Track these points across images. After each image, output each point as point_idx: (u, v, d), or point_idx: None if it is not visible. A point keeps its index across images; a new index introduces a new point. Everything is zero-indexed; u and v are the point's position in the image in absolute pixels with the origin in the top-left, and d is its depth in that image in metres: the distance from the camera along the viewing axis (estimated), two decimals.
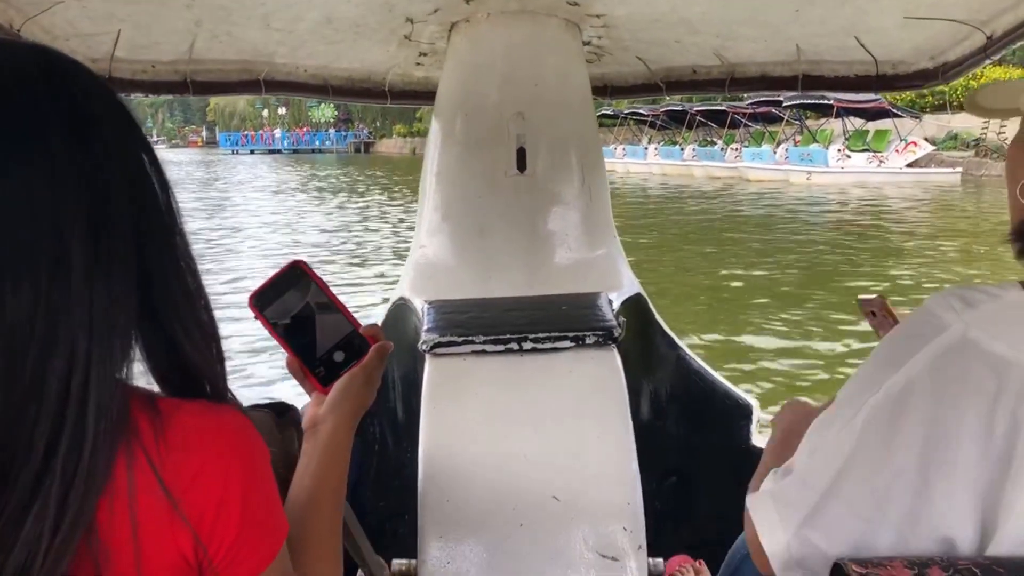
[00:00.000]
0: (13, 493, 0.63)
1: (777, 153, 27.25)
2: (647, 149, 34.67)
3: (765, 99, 25.97)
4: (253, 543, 0.74)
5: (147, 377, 0.76)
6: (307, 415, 0.97)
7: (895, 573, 0.81)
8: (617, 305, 2.13)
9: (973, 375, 0.83)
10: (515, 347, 1.84)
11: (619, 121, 37.44)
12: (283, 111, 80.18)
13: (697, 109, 31.66)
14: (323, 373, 0.96)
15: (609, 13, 2.22)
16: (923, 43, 2.30)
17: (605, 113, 32.85)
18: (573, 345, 1.84)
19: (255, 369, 6.01)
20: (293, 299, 0.95)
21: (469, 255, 2.28)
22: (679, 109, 32.63)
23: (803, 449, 0.95)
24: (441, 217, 2.33)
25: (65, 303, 0.66)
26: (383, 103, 2.84)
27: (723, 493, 1.64)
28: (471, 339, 1.85)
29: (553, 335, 1.85)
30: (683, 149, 32.30)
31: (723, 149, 30.50)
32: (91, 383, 0.66)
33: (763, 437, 2.36)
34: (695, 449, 2.44)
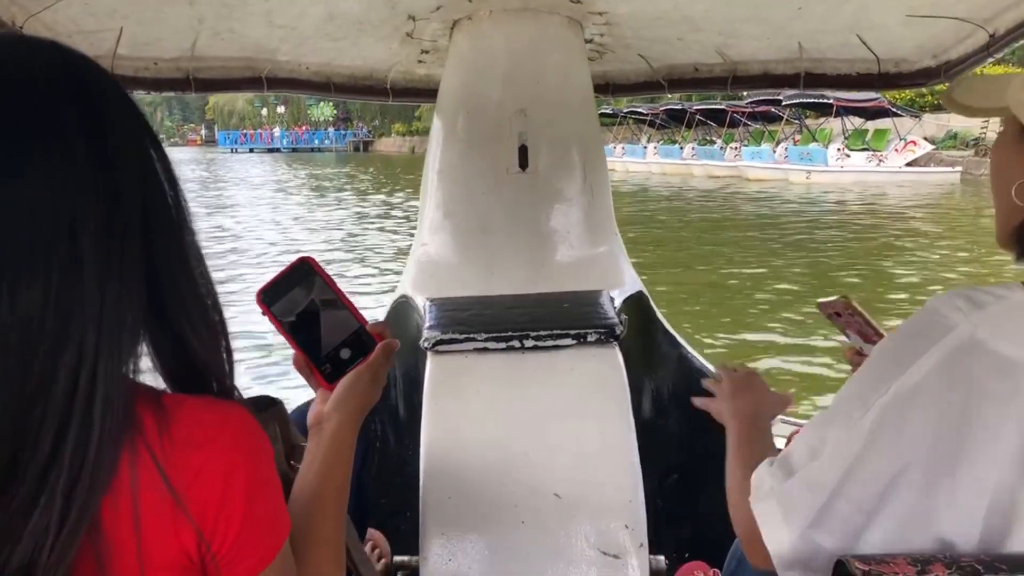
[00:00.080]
0: (21, 485, 0.64)
1: (776, 152, 27.21)
2: (646, 148, 34.65)
3: (764, 98, 26.00)
4: (256, 540, 0.74)
5: (154, 376, 0.76)
6: (312, 412, 0.97)
7: (898, 569, 0.81)
8: (619, 303, 2.13)
9: (981, 376, 0.83)
10: (517, 345, 1.84)
11: (618, 120, 37.38)
12: (282, 110, 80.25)
13: (696, 108, 31.63)
14: (329, 370, 0.96)
15: (611, 11, 2.21)
16: (925, 41, 2.30)
17: (604, 112, 32.76)
18: (575, 343, 1.84)
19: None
20: (300, 295, 0.94)
21: (471, 252, 2.28)
22: (678, 108, 32.61)
23: (802, 448, 0.94)
24: (443, 214, 2.32)
25: (76, 298, 0.66)
26: (385, 101, 2.84)
27: (724, 491, 1.64)
28: (473, 337, 1.85)
29: (555, 333, 1.85)
30: (682, 148, 32.28)
31: (722, 148, 30.48)
32: (99, 378, 0.66)
33: None
34: (697, 447, 2.44)
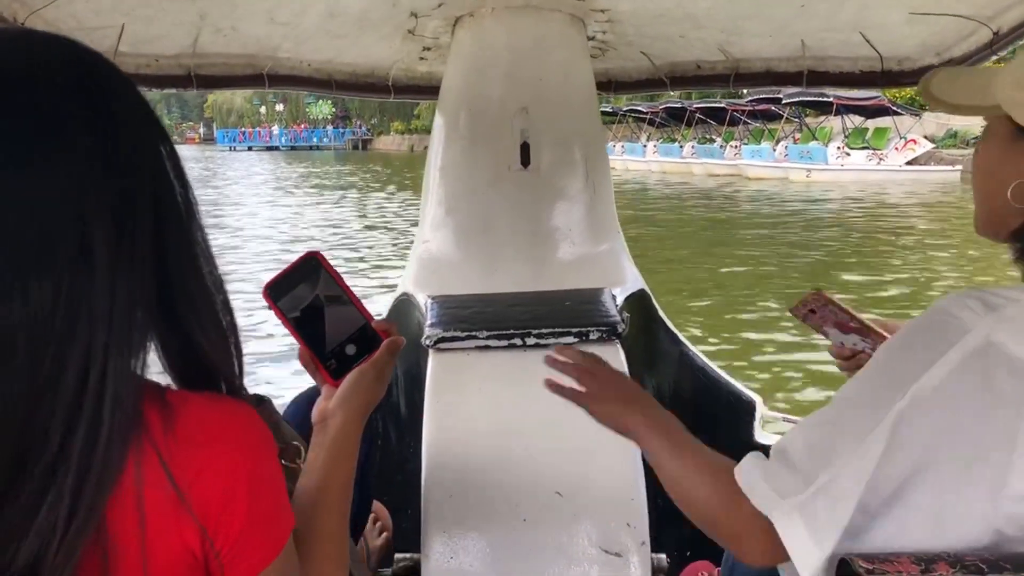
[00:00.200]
0: (29, 483, 0.63)
1: (776, 151, 27.20)
2: (646, 147, 34.65)
3: (764, 96, 25.95)
4: (259, 537, 0.73)
5: (163, 375, 0.76)
6: (316, 408, 0.96)
7: (902, 568, 0.80)
8: (620, 301, 2.13)
9: (997, 380, 0.82)
10: (518, 342, 1.84)
11: (618, 118, 37.38)
12: (281, 108, 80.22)
13: (696, 106, 31.59)
14: (334, 366, 0.96)
15: (614, 8, 2.21)
16: (929, 39, 2.30)
17: (604, 110, 32.65)
18: (576, 340, 1.84)
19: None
20: (307, 291, 0.94)
21: (473, 250, 2.28)
22: (678, 106, 32.57)
23: (801, 446, 0.92)
24: (445, 212, 2.32)
25: (87, 295, 0.66)
26: (386, 98, 2.85)
27: None
28: (474, 334, 1.85)
29: (557, 330, 1.85)
30: (682, 147, 32.27)
31: (722, 147, 30.45)
32: (108, 376, 0.66)
33: (767, 433, 2.36)
34: None
